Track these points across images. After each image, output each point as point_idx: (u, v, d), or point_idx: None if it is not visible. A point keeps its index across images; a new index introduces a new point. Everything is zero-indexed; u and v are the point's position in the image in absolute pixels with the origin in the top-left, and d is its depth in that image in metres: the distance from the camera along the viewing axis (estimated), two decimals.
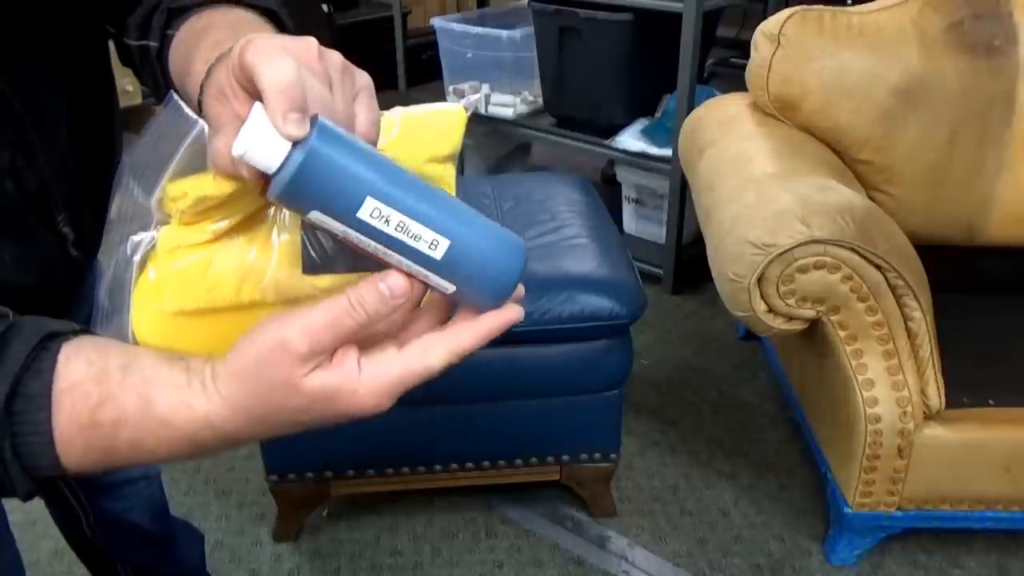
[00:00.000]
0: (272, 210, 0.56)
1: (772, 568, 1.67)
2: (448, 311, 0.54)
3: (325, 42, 0.52)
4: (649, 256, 2.60)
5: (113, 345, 0.53)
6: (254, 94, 0.48)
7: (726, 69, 3.28)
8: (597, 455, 1.69)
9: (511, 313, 0.52)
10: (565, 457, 1.69)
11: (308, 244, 0.56)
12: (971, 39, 1.72)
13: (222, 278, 0.54)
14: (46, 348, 0.51)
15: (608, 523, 1.78)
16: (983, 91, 1.72)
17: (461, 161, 3.03)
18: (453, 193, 0.56)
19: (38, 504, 1.24)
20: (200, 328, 0.55)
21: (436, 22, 2.92)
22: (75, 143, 0.75)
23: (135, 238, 0.54)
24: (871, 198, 1.68)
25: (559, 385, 1.61)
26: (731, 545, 1.73)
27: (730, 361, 2.28)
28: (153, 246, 0.54)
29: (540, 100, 2.85)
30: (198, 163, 0.52)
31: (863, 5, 1.80)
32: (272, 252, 0.55)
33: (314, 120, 0.46)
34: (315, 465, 1.64)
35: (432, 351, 0.50)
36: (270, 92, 0.46)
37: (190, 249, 0.53)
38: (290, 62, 0.46)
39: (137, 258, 0.54)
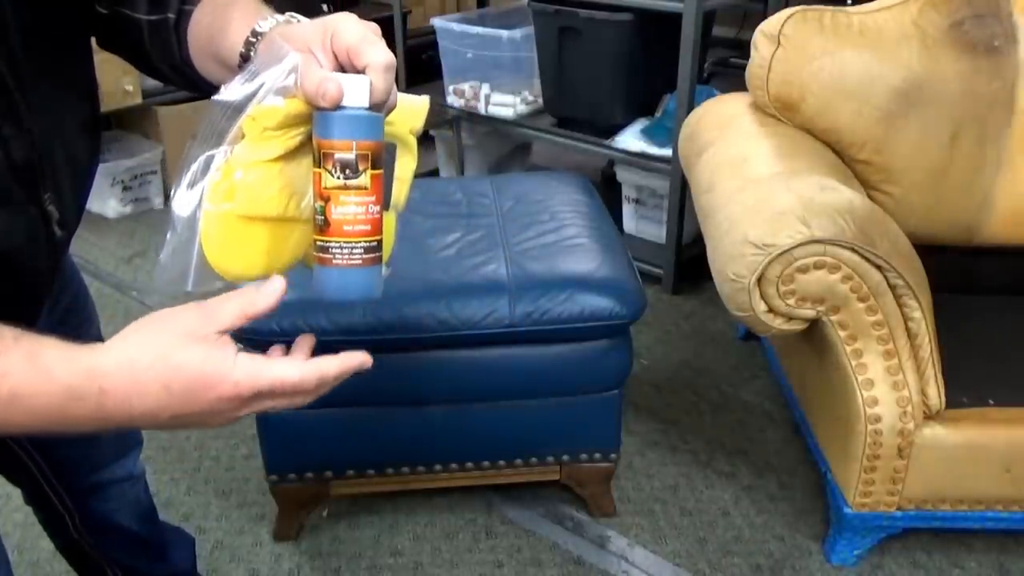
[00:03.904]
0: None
1: (772, 568, 1.67)
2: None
3: None
4: (649, 256, 2.60)
5: (7, 326, 0.61)
6: (343, 60, 0.64)
7: (726, 69, 3.28)
8: (597, 455, 1.69)
9: (361, 356, 0.66)
10: (565, 457, 1.69)
11: None
12: (972, 39, 1.72)
13: (281, 190, 0.67)
14: None
15: (608, 523, 1.78)
16: (983, 91, 1.72)
17: (461, 161, 3.04)
18: (414, 154, 0.74)
19: None
20: (257, 234, 0.68)
21: (436, 22, 2.92)
22: (61, 128, 0.78)
23: (210, 152, 0.65)
24: (871, 198, 1.68)
25: (559, 385, 1.61)
26: (731, 545, 1.73)
27: (730, 361, 2.29)
28: (227, 159, 0.66)
29: (540, 100, 2.85)
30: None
31: (863, 5, 1.80)
32: (311, 179, 0.67)
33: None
34: (315, 465, 1.64)
35: (299, 367, 0.63)
36: (375, 71, 0.63)
37: (263, 164, 0.66)
38: (385, 49, 0.63)
39: (215, 164, 0.65)
